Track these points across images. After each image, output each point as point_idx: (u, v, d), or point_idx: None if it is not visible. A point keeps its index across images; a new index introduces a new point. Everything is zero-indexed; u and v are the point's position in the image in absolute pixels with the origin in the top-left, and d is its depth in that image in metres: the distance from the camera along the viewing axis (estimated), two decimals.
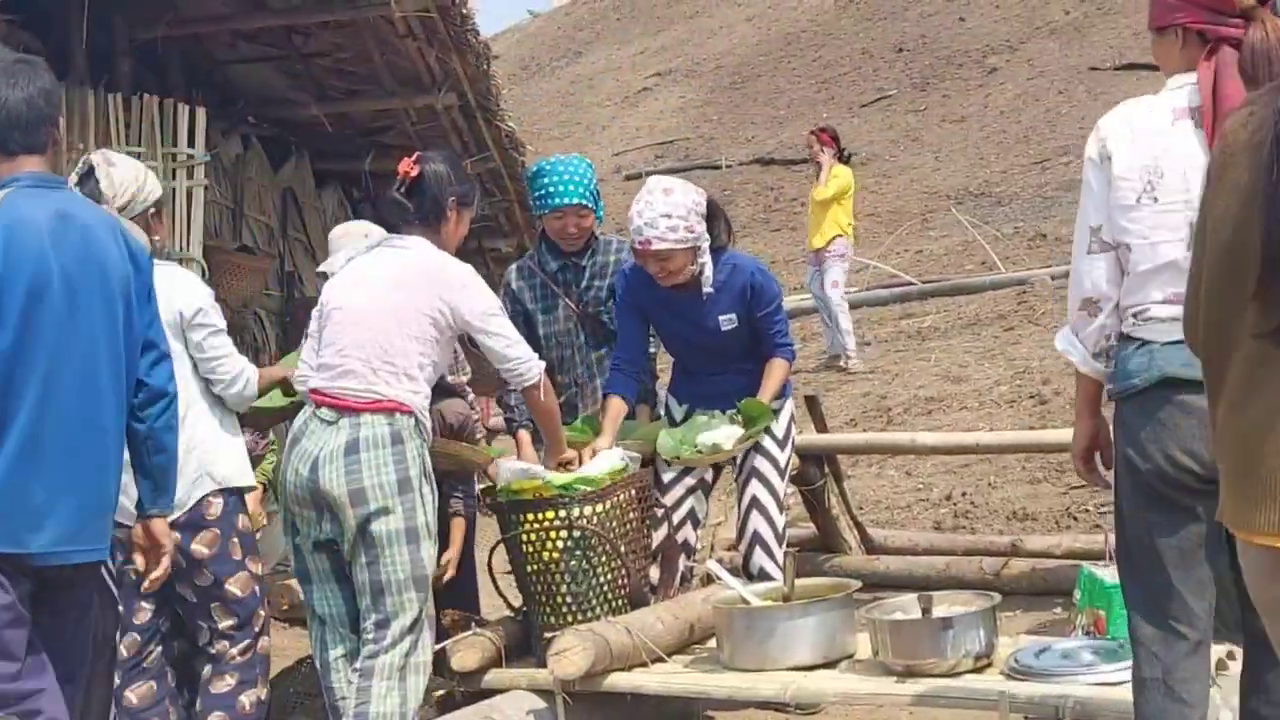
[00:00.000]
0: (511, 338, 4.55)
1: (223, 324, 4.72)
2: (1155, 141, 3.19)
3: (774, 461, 5.21)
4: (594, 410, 5.36)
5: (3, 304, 3.41)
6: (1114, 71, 19.59)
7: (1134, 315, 3.21)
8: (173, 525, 4.26)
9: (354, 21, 8.13)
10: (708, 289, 5.06)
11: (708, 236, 4.99)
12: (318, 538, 4.48)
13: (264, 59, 8.87)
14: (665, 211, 4.90)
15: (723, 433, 5.03)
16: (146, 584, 4.01)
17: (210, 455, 4.57)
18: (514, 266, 5.68)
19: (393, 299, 4.46)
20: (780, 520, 5.24)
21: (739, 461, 5.27)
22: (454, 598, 5.36)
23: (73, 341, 3.54)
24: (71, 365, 3.55)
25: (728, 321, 5.13)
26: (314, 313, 4.69)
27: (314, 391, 4.47)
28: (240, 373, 4.68)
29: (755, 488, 5.19)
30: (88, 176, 4.47)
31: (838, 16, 26.54)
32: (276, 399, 4.98)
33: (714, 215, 5.05)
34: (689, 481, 5.29)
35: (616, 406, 5.13)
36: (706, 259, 5.01)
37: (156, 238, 4.66)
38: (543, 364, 4.62)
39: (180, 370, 4.30)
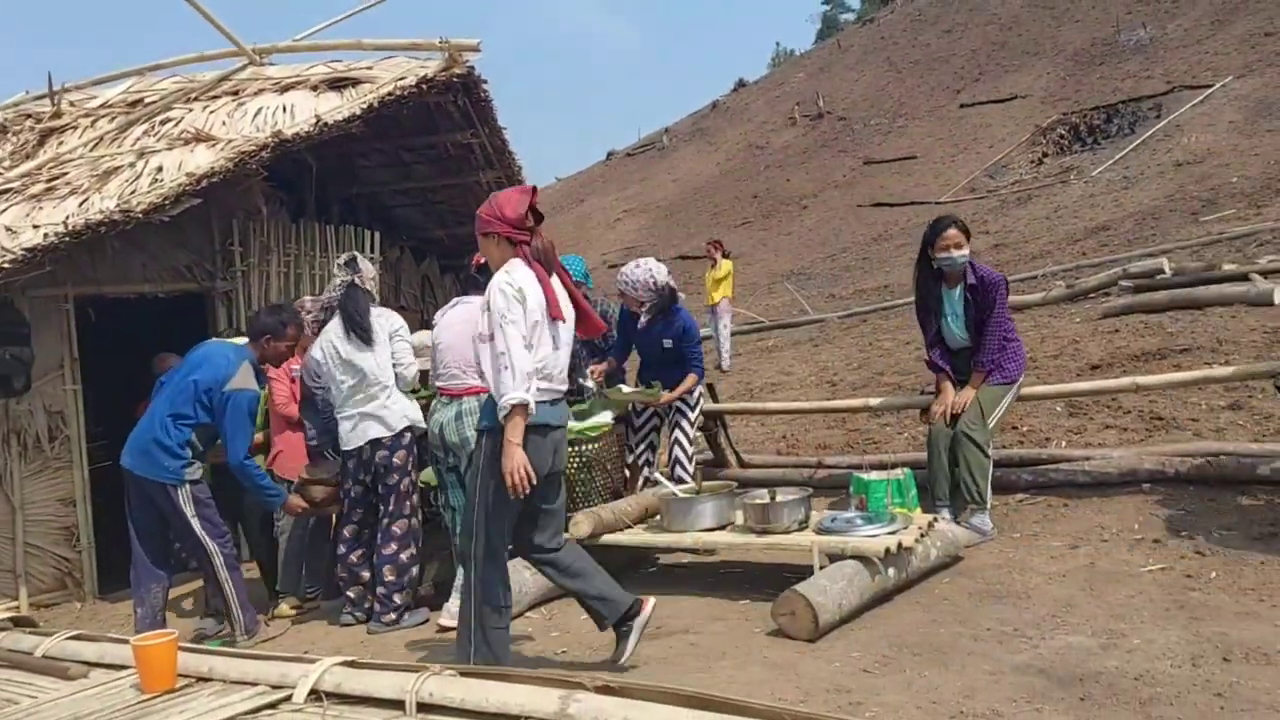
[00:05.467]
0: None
1: (411, 340, 5.22)
2: (538, 289, 3.56)
3: (688, 420, 5.69)
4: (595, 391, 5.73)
5: None
6: (871, 207, 20.94)
7: None
8: (384, 444, 4.90)
9: (460, 184, 8.71)
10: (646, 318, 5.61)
11: (659, 298, 5.57)
12: (448, 464, 4.80)
13: (411, 205, 9.39)
14: (639, 275, 5.59)
15: (637, 393, 5.57)
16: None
17: (407, 408, 5.07)
18: None
19: (467, 330, 4.53)
20: (690, 450, 5.70)
21: (669, 420, 5.74)
22: None
23: None
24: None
25: (667, 343, 5.64)
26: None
27: (438, 388, 4.84)
28: (411, 364, 5.14)
29: (677, 434, 5.67)
30: (352, 262, 5.02)
31: (721, 178, 28.44)
32: None
33: (669, 291, 5.65)
34: (649, 425, 5.75)
35: (612, 363, 5.78)
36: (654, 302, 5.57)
37: (376, 298, 5.25)
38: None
39: (386, 362, 5.01)
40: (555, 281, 3.66)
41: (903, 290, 14.02)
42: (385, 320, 5.12)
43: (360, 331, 4.98)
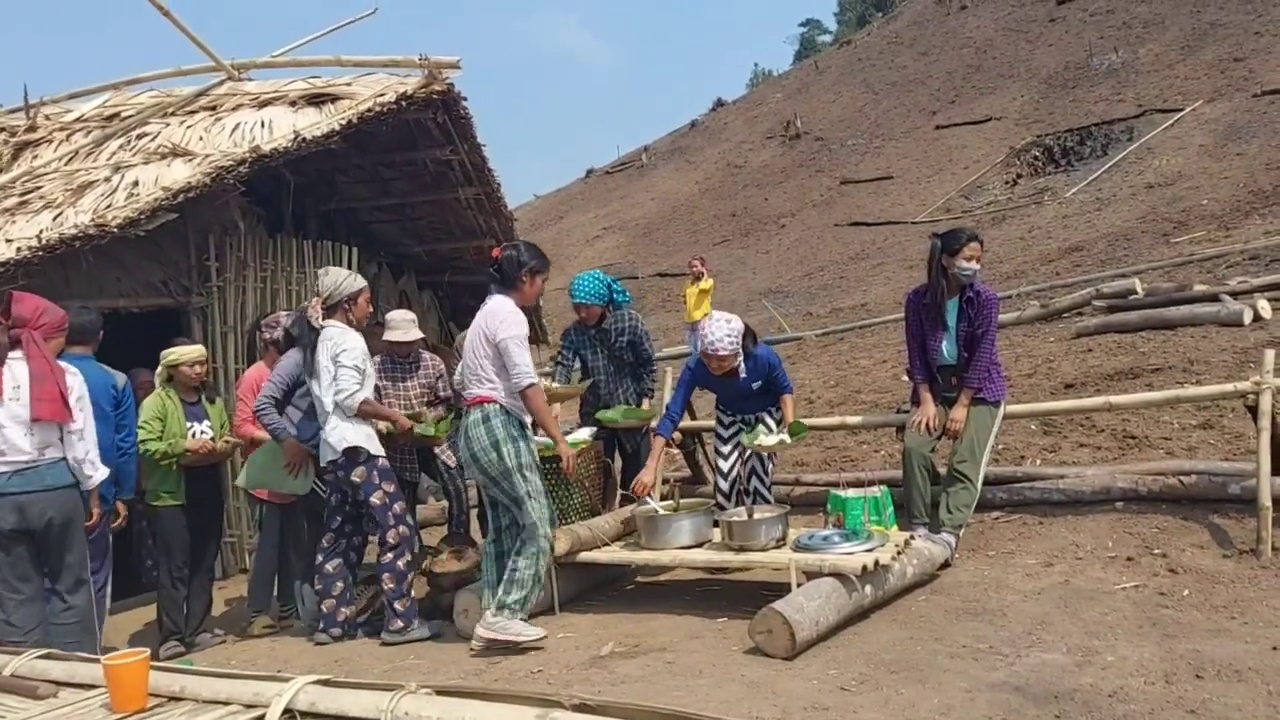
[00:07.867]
0: (519, 357, 4.43)
1: (351, 364, 4.83)
2: None
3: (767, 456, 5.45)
4: (620, 403, 5.66)
5: None
6: (849, 226, 21.02)
7: None
8: (339, 464, 4.79)
9: (439, 201, 8.72)
10: (743, 374, 5.27)
11: (741, 349, 5.21)
12: (481, 481, 4.64)
13: (389, 221, 9.32)
14: (727, 333, 5.14)
15: (770, 438, 5.18)
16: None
17: (345, 434, 4.85)
18: (568, 328, 5.90)
19: (474, 336, 4.58)
20: (769, 480, 5.47)
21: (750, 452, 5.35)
22: None
23: None
24: None
25: (756, 385, 5.34)
26: None
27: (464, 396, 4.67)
28: (351, 393, 4.82)
29: (756, 465, 5.45)
30: (316, 281, 4.95)
31: (700, 197, 28.55)
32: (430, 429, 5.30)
33: (746, 334, 5.26)
34: (736, 458, 5.48)
35: (659, 443, 5.32)
36: (741, 359, 5.23)
37: (351, 316, 5.02)
38: (535, 379, 4.49)
39: (328, 388, 4.83)
40: (14, 369, 4.27)
41: (880, 309, 14.09)
42: (329, 344, 4.87)
43: (307, 363, 4.91)
